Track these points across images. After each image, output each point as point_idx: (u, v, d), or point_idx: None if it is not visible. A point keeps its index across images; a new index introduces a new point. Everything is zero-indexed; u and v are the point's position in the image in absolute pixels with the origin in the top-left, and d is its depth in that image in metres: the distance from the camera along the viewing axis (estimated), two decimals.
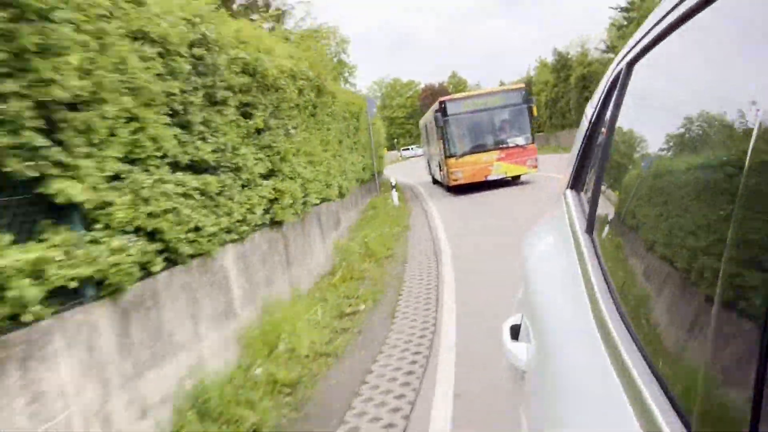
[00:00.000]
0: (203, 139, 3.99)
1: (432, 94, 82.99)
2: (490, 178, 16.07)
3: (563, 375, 1.15)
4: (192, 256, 3.75)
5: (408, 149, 70.42)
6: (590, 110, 1.80)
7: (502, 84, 42.69)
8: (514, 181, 17.08)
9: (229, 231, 4.35)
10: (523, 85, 18.35)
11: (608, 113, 1.51)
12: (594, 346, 1.03)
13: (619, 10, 39.95)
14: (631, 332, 0.95)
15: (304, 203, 6.59)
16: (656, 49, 1.20)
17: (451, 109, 16.46)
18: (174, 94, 3.56)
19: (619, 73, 1.48)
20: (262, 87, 5.38)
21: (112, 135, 2.91)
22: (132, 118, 3.08)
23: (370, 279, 7.13)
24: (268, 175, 5.39)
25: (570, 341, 1.18)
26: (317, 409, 3.72)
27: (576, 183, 1.85)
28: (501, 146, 16.26)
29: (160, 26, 3.43)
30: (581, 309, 1.18)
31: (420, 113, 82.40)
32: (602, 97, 1.65)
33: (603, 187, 1.43)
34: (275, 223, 5.65)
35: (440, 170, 18.85)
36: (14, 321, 2.28)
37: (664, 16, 1.10)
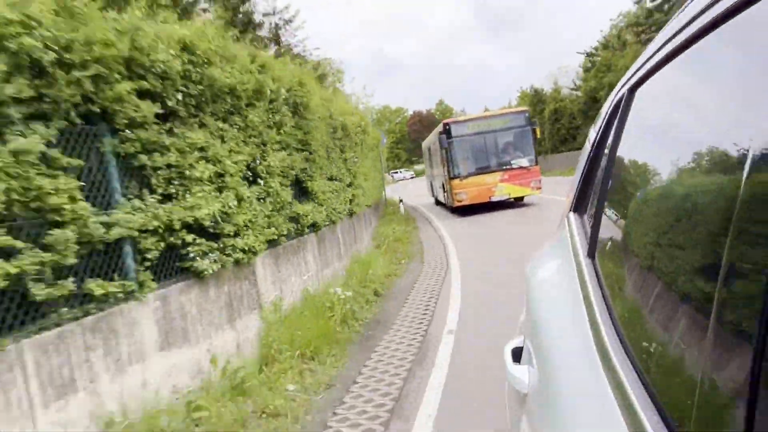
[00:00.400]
0: (333, 164, 8.47)
1: (420, 120, 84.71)
2: (494, 199, 16.35)
3: (564, 398, 1.14)
4: (333, 222, 8.29)
5: (397, 172, 76.73)
6: (593, 134, 1.81)
7: (487, 110, 45.04)
8: (516, 202, 17.51)
9: (340, 213, 8.70)
10: (526, 108, 18.86)
11: (610, 137, 1.52)
12: (594, 370, 1.02)
13: (585, 54, 44.96)
14: (630, 357, 0.95)
15: (359, 204, 10.70)
16: (657, 75, 1.22)
17: (455, 131, 16.79)
18: (328, 145, 8.21)
19: (621, 98, 1.49)
20: (347, 135, 9.90)
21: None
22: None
23: (402, 251, 11.79)
24: (349, 185, 9.72)
25: (571, 365, 1.18)
26: (394, 294, 8.18)
27: (579, 206, 1.85)
28: (504, 168, 16.49)
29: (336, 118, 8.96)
30: (582, 333, 1.17)
31: (408, 139, 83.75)
32: (604, 122, 1.66)
33: (605, 211, 1.43)
34: (351, 214, 9.93)
35: (444, 191, 19.14)
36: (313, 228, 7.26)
37: (665, 43, 1.12)
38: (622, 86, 1.52)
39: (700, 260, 0.74)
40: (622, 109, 1.45)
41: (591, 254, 1.43)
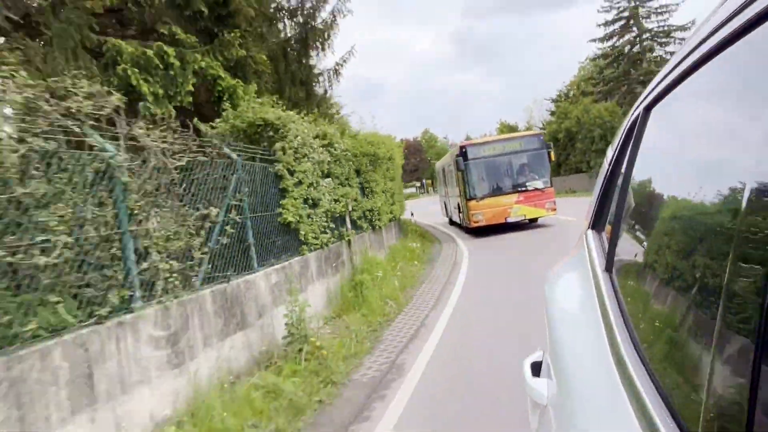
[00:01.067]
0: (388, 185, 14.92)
1: (407, 147, 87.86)
2: (510, 220, 16.54)
3: (582, 410, 1.16)
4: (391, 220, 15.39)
5: None
6: (610, 153, 1.84)
7: (468, 138, 47.95)
8: (531, 223, 17.61)
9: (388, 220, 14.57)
10: (540, 131, 18.96)
11: (627, 156, 1.55)
12: (612, 383, 1.04)
13: (551, 101, 51.14)
14: (648, 370, 0.97)
15: (396, 213, 16.20)
16: (671, 95, 1.25)
17: (471, 153, 17.08)
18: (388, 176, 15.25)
19: (637, 117, 1.52)
20: (395, 165, 15.95)
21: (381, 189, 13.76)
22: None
23: (425, 253, 15.31)
24: (392, 203, 15.31)
25: (588, 377, 1.20)
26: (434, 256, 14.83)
27: (597, 223, 1.88)
28: (520, 189, 16.69)
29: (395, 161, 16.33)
30: (600, 346, 1.19)
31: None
32: (621, 141, 1.69)
33: (622, 228, 1.46)
34: (394, 219, 15.46)
35: (459, 212, 19.39)
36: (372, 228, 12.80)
37: (679, 63, 1.15)
38: (638, 106, 1.55)
39: (712, 275, 0.76)
40: (638, 128, 1.49)
41: (608, 269, 1.45)
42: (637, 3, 35.86)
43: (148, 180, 4.46)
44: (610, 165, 1.79)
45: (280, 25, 13.97)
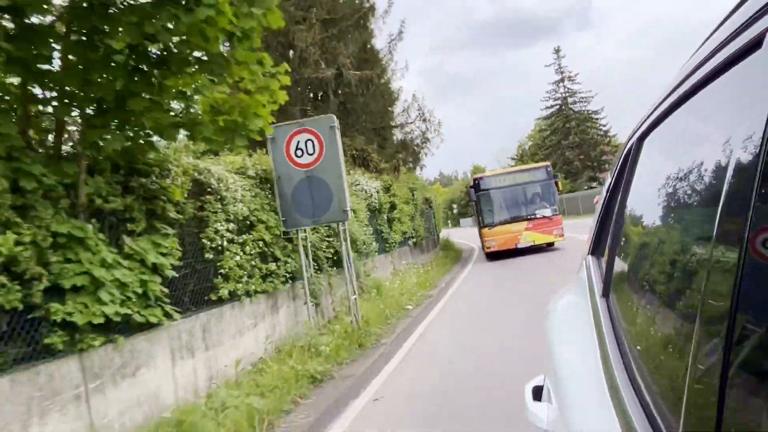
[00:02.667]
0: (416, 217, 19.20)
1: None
2: (520, 246, 17.33)
3: None
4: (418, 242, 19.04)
5: None
6: (608, 181, 1.86)
7: (441, 174, 58.42)
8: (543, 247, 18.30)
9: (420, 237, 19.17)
10: (547, 163, 20.12)
11: (622, 184, 1.58)
12: (606, 409, 1.05)
13: (512, 159, 60.44)
14: (640, 396, 0.97)
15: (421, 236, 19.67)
16: (663, 125, 1.28)
17: (483, 185, 18.15)
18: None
19: (632, 146, 1.55)
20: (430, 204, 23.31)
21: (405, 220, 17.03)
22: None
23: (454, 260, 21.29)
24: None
25: (584, 402, 1.20)
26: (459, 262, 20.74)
27: (596, 249, 1.89)
28: (529, 217, 17.50)
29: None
30: (595, 371, 1.20)
31: None
32: (618, 169, 1.71)
33: (617, 254, 1.47)
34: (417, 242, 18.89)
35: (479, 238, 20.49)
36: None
37: (671, 93, 1.18)
38: (633, 136, 1.58)
39: (704, 300, 0.77)
40: (632, 157, 1.51)
41: (605, 294, 1.46)
42: (566, 94, 51.32)
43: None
44: (607, 192, 1.81)
45: None
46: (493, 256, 17.92)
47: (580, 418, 1.18)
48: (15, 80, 4.23)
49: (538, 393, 1.68)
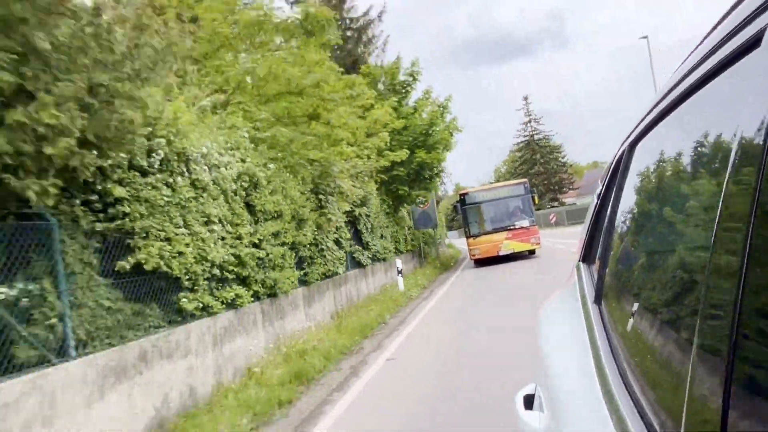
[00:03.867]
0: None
1: None
2: (501, 253, 19.09)
3: None
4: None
5: None
6: (599, 188, 1.85)
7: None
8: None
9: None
10: (525, 180, 22.69)
11: (613, 191, 1.56)
12: (601, 415, 1.03)
13: (489, 183, 63.38)
14: (635, 401, 0.95)
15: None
16: (653, 132, 1.27)
17: (468, 199, 20.22)
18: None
19: (623, 153, 1.54)
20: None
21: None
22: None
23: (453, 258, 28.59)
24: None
25: (577, 409, 1.18)
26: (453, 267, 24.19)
27: (587, 256, 1.87)
28: (509, 228, 19.32)
29: None
30: (588, 377, 1.18)
31: None
32: (608, 176, 1.70)
33: (609, 260, 1.45)
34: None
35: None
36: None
37: (661, 100, 1.17)
38: (624, 143, 1.57)
39: (693, 307, 0.76)
40: (623, 164, 1.50)
41: (598, 301, 1.44)
42: (533, 132, 63.32)
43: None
44: (598, 199, 1.80)
45: None
46: (479, 262, 19.95)
47: (573, 425, 1.15)
48: None
49: (529, 402, 1.65)
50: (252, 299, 6.79)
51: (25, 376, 3.61)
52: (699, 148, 0.98)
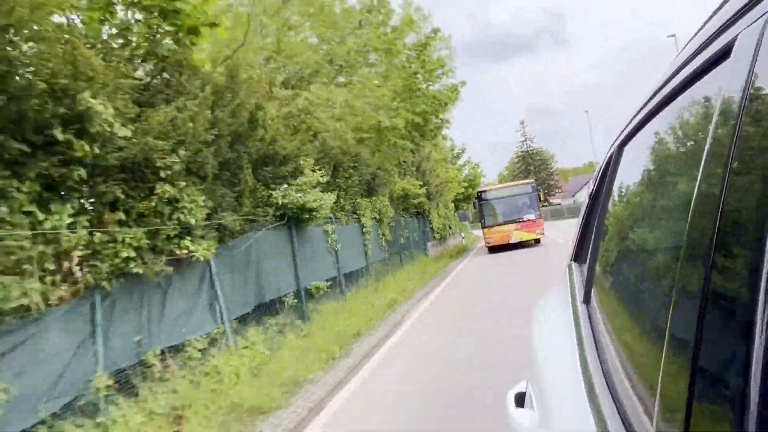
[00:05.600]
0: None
1: None
2: (511, 241, 22.35)
3: None
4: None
5: None
6: (589, 188, 1.85)
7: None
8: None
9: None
10: (533, 180, 26.91)
11: (603, 191, 1.56)
12: (583, 412, 1.03)
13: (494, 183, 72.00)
14: (615, 399, 0.96)
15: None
16: (641, 133, 1.27)
17: (484, 196, 23.72)
18: None
19: (612, 154, 1.54)
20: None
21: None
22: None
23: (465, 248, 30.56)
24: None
25: (564, 407, 1.18)
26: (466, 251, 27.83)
27: (578, 256, 1.87)
28: (518, 220, 22.62)
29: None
30: (575, 376, 1.18)
31: None
32: (599, 176, 1.70)
33: (598, 260, 1.45)
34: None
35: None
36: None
37: (649, 100, 1.17)
38: (613, 144, 1.57)
39: (681, 304, 0.76)
40: (612, 164, 1.50)
41: (586, 300, 1.44)
42: (528, 149, 78.55)
43: None
44: (589, 199, 1.80)
45: None
46: (492, 249, 23.19)
47: (559, 423, 1.15)
48: None
49: (520, 399, 1.65)
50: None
51: None
52: (679, 150, 0.98)
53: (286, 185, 7.65)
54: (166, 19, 5.38)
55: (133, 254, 4.69)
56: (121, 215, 4.71)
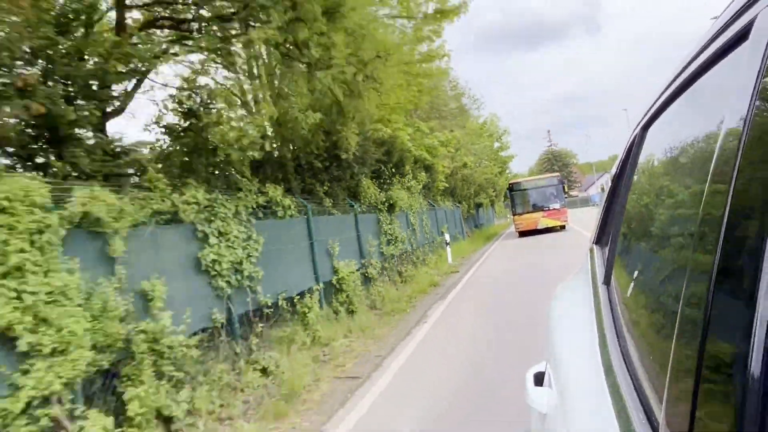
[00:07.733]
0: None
1: None
2: (538, 227, 24.88)
3: (575, 419, 1.15)
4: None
5: None
6: (613, 170, 1.83)
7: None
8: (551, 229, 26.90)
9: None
10: (558, 173, 30.77)
11: (626, 174, 1.54)
12: (601, 391, 1.03)
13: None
14: (633, 377, 0.96)
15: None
16: (664, 115, 1.25)
17: (516, 187, 26.55)
18: None
19: (635, 137, 1.51)
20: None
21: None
22: None
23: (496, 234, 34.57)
24: None
25: (582, 386, 1.18)
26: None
27: (600, 238, 1.86)
28: (545, 209, 25.15)
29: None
30: (594, 357, 1.18)
31: None
32: (622, 160, 1.68)
33: (619, 242, 1.44)
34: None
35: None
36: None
37: (671, 82, 1.15)
38: (637, 126, 1.55)
39: (698, 290, 0.75)
40: (635, 147, 1.48)
41: (607, 281, 1.44)
42: (554, 152, 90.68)
43: None
44: (612, 182, 1.77)
45: None
46: (521, 234, 25.84)
47: (577, 401, 1.16)
48: None
49: (539, 379, 1.66)
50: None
51: None
52: (704, 132, 0.96)
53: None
54: None
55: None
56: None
